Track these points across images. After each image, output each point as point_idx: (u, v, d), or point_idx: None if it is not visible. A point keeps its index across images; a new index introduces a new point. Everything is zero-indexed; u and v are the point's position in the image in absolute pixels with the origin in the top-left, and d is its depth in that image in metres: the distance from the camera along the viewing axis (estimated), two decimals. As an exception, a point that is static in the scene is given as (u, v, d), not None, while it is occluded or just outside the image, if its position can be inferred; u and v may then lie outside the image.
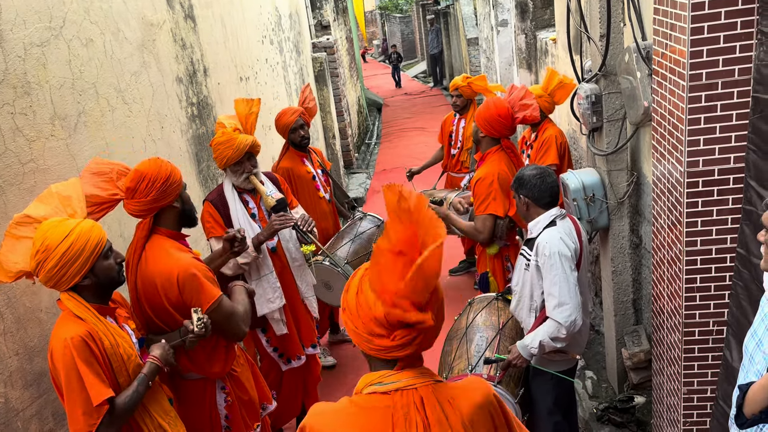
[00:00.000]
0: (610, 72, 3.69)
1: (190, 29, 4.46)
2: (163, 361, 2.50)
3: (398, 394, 1.56)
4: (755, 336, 2.07)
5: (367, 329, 1.55)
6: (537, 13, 7.31)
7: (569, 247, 2.97)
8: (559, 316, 2.91)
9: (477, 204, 3.92)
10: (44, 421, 2.58)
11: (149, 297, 2.72)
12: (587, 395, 4.31)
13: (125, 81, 3.47)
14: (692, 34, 2.54)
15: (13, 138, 2.54)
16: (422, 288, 1.48)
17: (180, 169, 2.87)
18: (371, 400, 1.58)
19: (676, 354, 3.07)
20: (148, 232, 2.78)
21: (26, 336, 2.52)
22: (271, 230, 3.53)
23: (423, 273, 1.46)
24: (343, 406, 1.62)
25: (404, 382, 1.57)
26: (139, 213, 2.74)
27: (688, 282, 2.87)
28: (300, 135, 4.54)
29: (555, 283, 2.92)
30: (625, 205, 3.91)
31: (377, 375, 1.61)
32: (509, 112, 3.87)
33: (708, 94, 2.60)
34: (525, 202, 3.10)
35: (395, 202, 1.50)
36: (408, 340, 1.54)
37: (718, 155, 2.68)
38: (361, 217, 4.74)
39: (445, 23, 18.77)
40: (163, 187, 2.69)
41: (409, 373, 1.59)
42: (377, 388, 1.59)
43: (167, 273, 2.67)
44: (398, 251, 1.49)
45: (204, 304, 2.71)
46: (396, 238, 1.49)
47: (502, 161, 3.93)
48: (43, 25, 2.81)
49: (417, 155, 11.65)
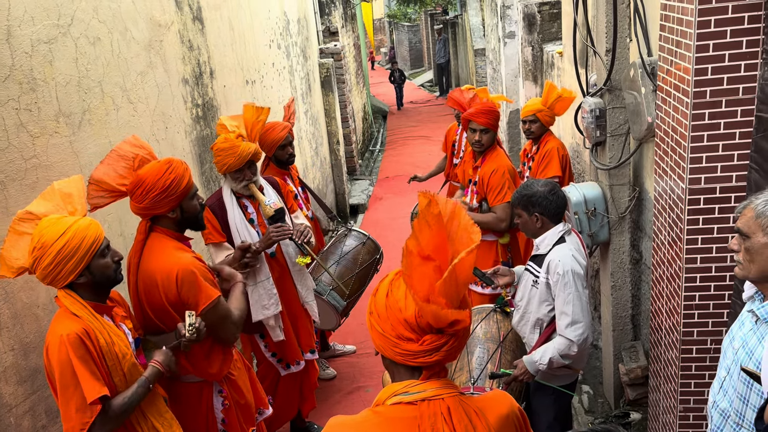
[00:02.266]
0: (615, 87, 3.70)
1: (198, 31, 4.48)
2: (165, 367, 2.51)
3: (425, 404, 1.52)
4: (730, 335, 2.12)
5: (396, 332, 1.52)
6: (544, 26, 7.34)
7: (581, 264, 2.95)
8: (572, 334, 2.90)
9: (494, 195, 4.12)
10: (37, 417, 2.58)
11: (149, 295, 2.71)
12: (583, 410, 4.29)
13: (131, 80, 3.48)
14: (697, 52, 2.54)
15: (16, 133, 2.55)
16: (454, 294, 1.47)
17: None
18: (396, 411, 1.54)
19: (673, 371, 3.06)
20: (146, 233, 2.76)
21: (22, 332, 2.52)
22: (269, 242, 3.50)
23: (455, 278, 1.44)
24: (366, 417, 1.57)
25: (431, 392, 1.53)
26: (136, 212, 2.74)
27: (686, 299, 2.86)
28: (288, 152, 4.32)
29: (569, 302, 2.91)
30: (626, 220, 3.91)
31: (402, 385, 1.57)
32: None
33: (711, 112, 2.60)
34: (540, 220, 3.03)
35: (425, 207, 1.50)
36: (437, 345, 1.51)
37: (720, 173, 2.67)
38: (345, 233, 4.63)
39: (453, 33, 18.84)
40: (156, 198, 2.64)
41: (435, 383, 1.55)
42: (402, 398, 1.54)
43: (167, 270, 2.66)
44: (426, 255, 1.48)
45: (201, 304, 2.70)
46: (424, 242, 1.48)
47: (504, 155, 4.28)
48: (51, 22, 2.82)
49: (420, 164, 11.66)
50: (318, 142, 8.42)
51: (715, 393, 2.16)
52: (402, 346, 1.52)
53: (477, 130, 4.16)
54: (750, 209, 1.95)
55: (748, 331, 2.03)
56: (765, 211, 1.90)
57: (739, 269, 2.00)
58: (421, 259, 1.48)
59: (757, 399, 1.96)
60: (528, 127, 4.79)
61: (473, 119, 4.16)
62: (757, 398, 1.96)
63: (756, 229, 1.91)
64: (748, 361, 1.97)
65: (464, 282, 1.49)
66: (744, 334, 2.04)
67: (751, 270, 1.95)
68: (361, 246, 4.53)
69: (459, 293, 1.49)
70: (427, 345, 1.50)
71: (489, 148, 4.24)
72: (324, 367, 5.06)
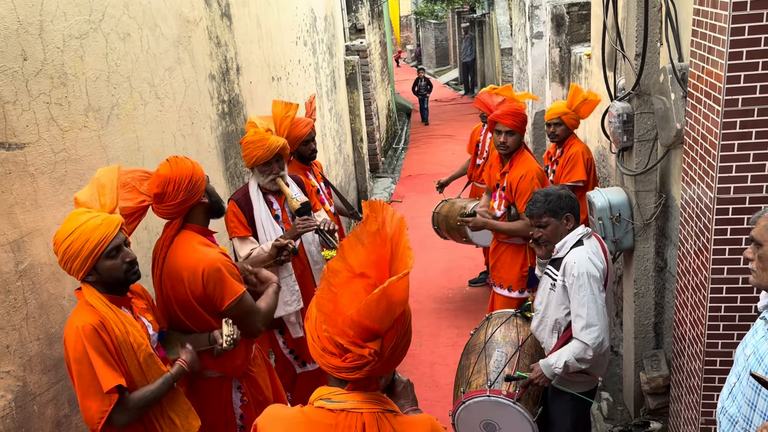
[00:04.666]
0: (644, 92, 3.64)
1: (226, 27, 4.51)
2: (189, 367, 2.56)
3: (342, 415, 1.56)
4: (743, 342, 2.15)
5: (321, 344, 1.56)
6: (573, 28, 7.26)
7: (598, 267, 2.93)
8: (586, 337, 2.87)
9: (523, 200, 4.03)
10: (60, 406, 2.62)
11: (175, 291, 2.74)
12: (602, 417, 4.25)
13: (159, 76, 3.52)
14: (730, 59, 2.49)
15: (47, 127, 2.59)
16: (383, 313, 1.47)
17: (207, 166, 2.90)
18: (318, 414, 1.59)
19: (695, 382, 3.01)
20: (178, 229, 2.78)
21: (48, 322, 2.56)
22: (295, 233, 3.53)
23: (388, 298, 1.45)
24: (294, 414, 1.63)
25: (350, 404, 1.57)
26: (170, 215, 2.75)
27: (712, 310, 2.82)
28: (311, 147, 4.36)
29: (583, 305, 2.88)
30: (651, 227, 3.85)
31: (328, 391, 1.62)
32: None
33: (743, 121, 2.55)
34: (571, 219, 3.02)
35: (361, 223, 1.51)
36: (358, 364, 1.53)
37: (750, 183, 2.62)
38: None
39: (480, 32, 18.72)
40: (189, 186, 2.70)
41: (359, 397, 1.59)
42: (325, 404, 1.59)
43: (193, 266, 2.69)
44: (360, 273, 1.49)
45: (227, 299, 2.73)
46: (356, 261, 1.49)
47: (532, 159, 4.19)
48: (83, 18, 2.86)
49: (443, 162, 11.63)
50: (341, 139, 8.43)
51: (724, 399, 2.17)
52: (326, 358, 1.56)
53: (503, 132, 4.13)
54: (764, 218, 2.00)
55: (760, 338, 2.05)
56: None
57: (754, 277, 2.05)
58: (351, 277, 1.49)
59: (765, 405, 1.96)
60: (552, 130, 4.74)
61: (499, 120, 4.13)
62: (765, 404, 1.96)
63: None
64: (758, 367, 1.99)
65: (399, 302, 1.49)
66: (756, 342, 2.06)
67: (764, 278, 2.00)
68: None
69: (392, 313, 1.49)
70: (349, 363, 1.53)
71: (516, 151, 4.19)
72: None
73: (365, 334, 1.51)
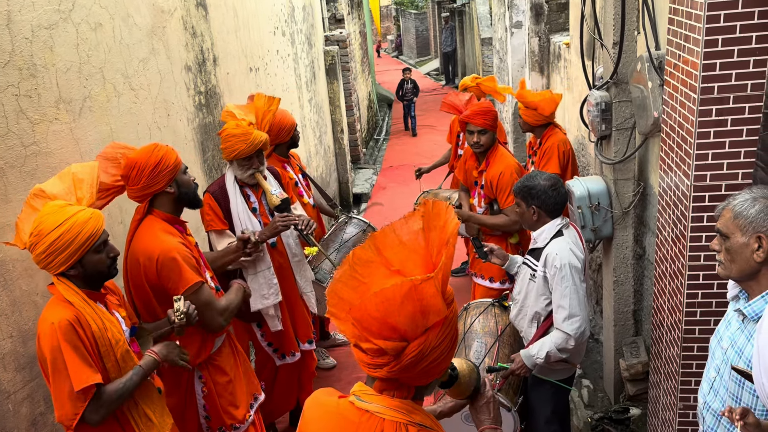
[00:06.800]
0: (622, 80, 3.65)
1: (202, 17, 4.44)
2: (162, 357, 2.51)
3: (366, 416, 1.49)
4: (717, 335, 2.16)
5: (352, 332, 1.47)
6: (552, 17, 7.26)
7: (579, 258, 2.95)
8: (569, 327, 2.91)
9: (505, 197, 4.05)
10: (36, 404, 2.58)
11: (133, 276, 2.77)
12: (582, 404, 4.29)
13: (133, 67, 3.45)
14: (706, 47, 2.50)
15: (16, 120, 2.53)
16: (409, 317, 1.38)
17: (185, 158, 2.88)
18: (347, 410, 1.53)
19: (673, 368, 3.04)
20: (143, 214, 2.81)
21: (21, 319, 2.52)
22: (274, 230, 3.50)
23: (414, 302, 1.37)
24: (331, 403, 1.58)
25: (375, 407, 1.49)
26: (135, 198, 2.80)
27: (689, 297, 2.84)
28: (298, 135, 4.47)
29: (566, 296, 2.90)
30: (630, 215, 3.87)
31: (361, 387, 1.56)
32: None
33: (719, 108, 2.57)
34: (536, 213, 3.04)
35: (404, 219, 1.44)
36: (378, 362, 1.44)
37: (726, 170, 2.64)
38: (346, 221, 4.63)
39: (460, 22, 18.69)
40: (152, 174, 2.72)
41: (386, 401, 1.50)
42: (354, 401, 1.53)
43: (149, 252, 2.71)
44: (396, 270, 1.41)
45: (180, 288, 2.73)
46: (396, 258, 1.41)
47: (508, 154, 4.22)
48: (52, 7, 2.79)
49: (425, 153, 11.62)
50: (322, 131, 8.38)
51: (705, 394, 2.17)
52: (357, 348, 1.48)
53: (475, 132, 4.12)
54: (728, 210, 1.99)
55: (735, 330, 2.05)
56: (742, 211, 1.94)
57: (722, 269, 2.05)
58: (389, 273, 1.41)
59: (750, 397, 1.97)
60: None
61: (470, 121, 4.12)
62: (749, 397, 1.97)
63: (734, 229, 1.96)
64: (738, 359, 1.99)
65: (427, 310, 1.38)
66: (732, 334, 2.06)
67: (732, 270, 2.00)
68: (362, 233, 4.52)
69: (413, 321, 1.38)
70: (369, 358, 1.45)
71: (491, 148, 4.19)
72: (323, 357, 5.06)
73: (388, 332, 1.40)
